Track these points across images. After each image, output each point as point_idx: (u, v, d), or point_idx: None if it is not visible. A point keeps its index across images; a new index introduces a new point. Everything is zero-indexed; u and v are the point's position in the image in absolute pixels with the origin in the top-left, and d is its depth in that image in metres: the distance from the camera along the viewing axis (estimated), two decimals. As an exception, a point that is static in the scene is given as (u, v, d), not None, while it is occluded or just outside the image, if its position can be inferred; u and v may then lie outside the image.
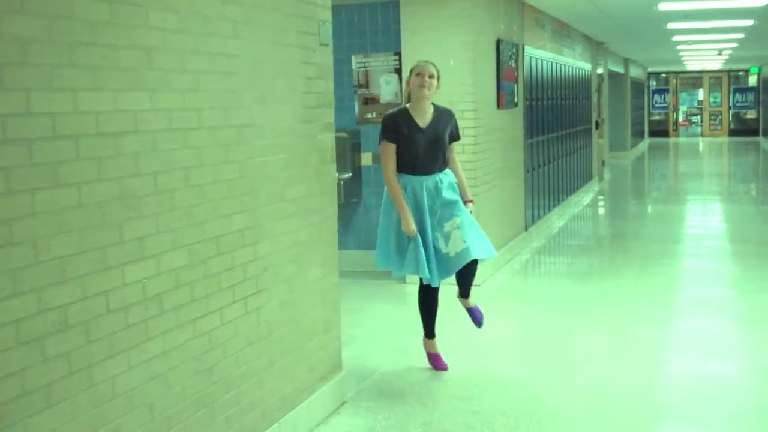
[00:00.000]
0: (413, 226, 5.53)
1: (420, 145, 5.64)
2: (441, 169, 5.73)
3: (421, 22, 8.62)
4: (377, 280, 8.85)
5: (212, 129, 3.94)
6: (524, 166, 11.00)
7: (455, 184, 5.77)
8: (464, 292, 5.91)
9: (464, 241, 5.56)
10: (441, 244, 5.59)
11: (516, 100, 10.32)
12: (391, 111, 5.82)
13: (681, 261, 10.46)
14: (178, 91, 3.70)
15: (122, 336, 3.35)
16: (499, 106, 9.50)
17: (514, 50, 10.25)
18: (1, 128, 2.78)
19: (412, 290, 8.41)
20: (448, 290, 6.06)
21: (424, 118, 5.71)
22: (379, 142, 5.71)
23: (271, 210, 4.48)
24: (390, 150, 5.64)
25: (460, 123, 6.35)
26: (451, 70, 8.42)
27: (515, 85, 10.26)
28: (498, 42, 9.43)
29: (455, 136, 5.88)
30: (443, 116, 5.81)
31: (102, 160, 3.23)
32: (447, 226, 5.60)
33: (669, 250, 10.95)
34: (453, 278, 5.82)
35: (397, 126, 5.65)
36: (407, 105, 5.78)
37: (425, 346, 6.03)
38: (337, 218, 5.35)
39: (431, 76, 5.69)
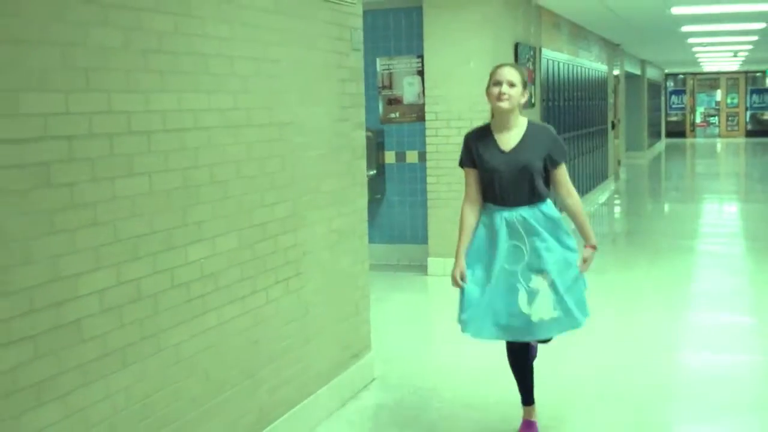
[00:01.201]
0: (457, 274, 4.48)
1: (500, 173, 4.44)
2: (531, 202, 4.46)
3: (443, 27, 9.06)
4: (400, 273, 9.30)
5: (259, 127, 4.39)
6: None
7: (558, 222, 4.48)
8: (527, 398, 4.81)
9: (554, 310, 4.38)
10: (522, 300, 4.38)
11: (533, 100, 10.74)
12: (473, 128, 4.75)
13: (694, 255, 10.85)
14: (230, 93, 4.15)
15: (184, 308, 3.80)
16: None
17: (532, 53, 10.67)
18: (88, 124, 3.23)
19: (433, 281, 8.92)
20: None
21: (508, 138, 4.50)
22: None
23: (309, 200, 4.93)
24: (467, 176, 4.59)
25: (480, 123, 6.53)
26: (471, 72, 8.87)
27: (532, 86, 10.70)
28: (516, 45, 9.86)
29: (556, 161, 4.51)
30: (536, 136, 4.51)
31: (168, 153, 3.69)
32: (535, 282, 4.39)
33: (683, 245, 11.34)
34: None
35: (473, 147, 4.56)
36: (491, 121, 4.63)
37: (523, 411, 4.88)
38: (366, 211, 5.79)
39: (512, 85, 4.44)
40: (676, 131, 39.28)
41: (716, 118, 41.04)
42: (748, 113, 39.59)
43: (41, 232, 3.02)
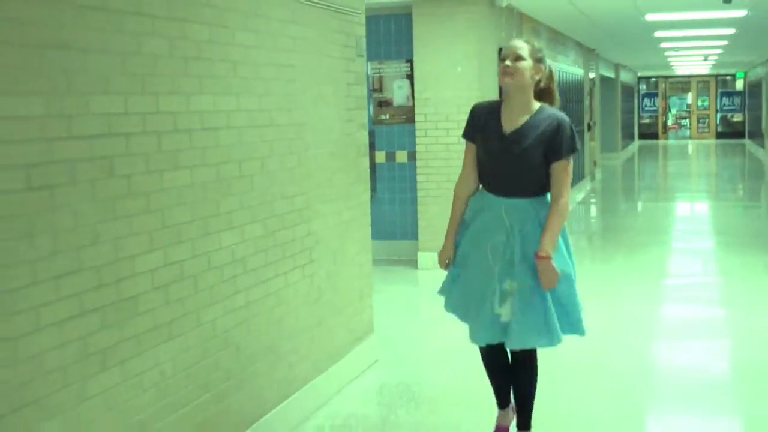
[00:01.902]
0: (444, 258, 4.37)
1: (496, 157, 4.18)
2: (526, 194, 4.15)
3: (432, 33, 9.53)
4: (391, 267, 9.75)
5: (280, 126, 4.83)
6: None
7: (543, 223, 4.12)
8: (522, 422, 4.49)
9: (513, 318, 4.11)
10: (496, 299, 4.15)
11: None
12: (483, 101, 4.49)
13: (667, 249, 11.39)
14: (255, 95, 4.59)
15: (219, 288, 4.24)
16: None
17: (514, 57, 11.14)
18: (142, 123, 3.67)
19: (423, 275, 9.38)
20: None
21: (512, 119, 4.17)
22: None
23: (321, 194, 5.37)
24: (467, 150, 4.34)
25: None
26: (459, 76, 9.37)
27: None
28: (500, 50, 10.31)
29: (554, 154, 4.12)
30: (542, 123, 4.13)
31: (206, 150, 4.12)
32: (506, 285, 4.14)
33: (656, 240, 11.87)
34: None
35: (478, 121, 4.28)
36: (502, 99, 4.35)
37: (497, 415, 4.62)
38: (369, 205, 6.24)
39: (518, 58, 4.12)
40: (649, 133, 39.96)
41: (687, 120, 41.81)
42: (719, 115, 40.35)
43: (106, 217, 3.45)
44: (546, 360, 4.58)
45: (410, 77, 9.86)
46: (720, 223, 14.06)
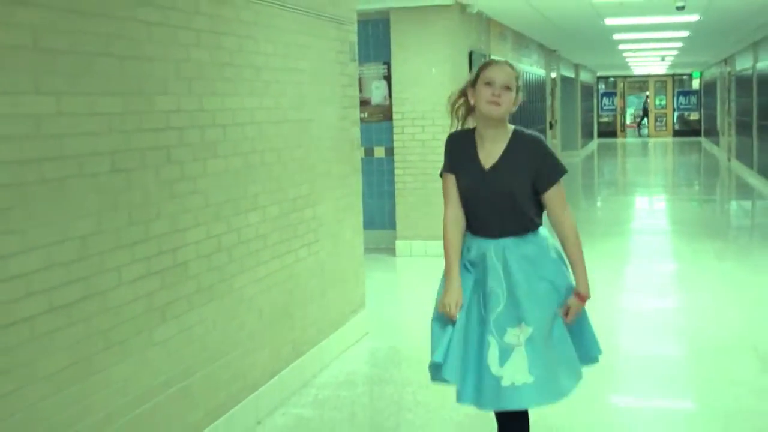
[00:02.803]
0: (453, 302, 3.68)
1: (479, 197, 3.75)
2: (517, 232, 3.73)
3: (408, 37, 10.34)
4: (371, 254, 10.52)
5: (291, 122, 5.59)
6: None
7: (549, 257, 3.77)
8: None
9: (530, 374, 3.56)
10: (492, 357, 3.59)
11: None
12: (456, 131, 3.90)
13: (626, 237, 12.29)
14: (273, 96, 5.35)
15: (247, 260, 5.00)
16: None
17: (483, 59, 11.96)
18: (190, 118, 4.42)
19: (401, 261, 10.19)
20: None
21: (491, 151, 3.74)
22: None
23: (323, 182, 6.13)
24: (448, 184, 3.84)
25: (444, 122, 7.82)
26: (433, 77, 10.18)
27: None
28: (470, 53, 11.17)
29: (546, 182, 3.74)
30: (522, 151, 3.72)
31: (236, 142, 4.88)
32: (510, 335, 3.60)
33: (615, 229, 12.78)
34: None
35: (457, 153, 3.82)
36: (476, 126, 3.81)
37: None
38: (361, 193, 7.02)
39: (507, 88, 3.68)
40: (608, 131, 40.44)
41: (645, 119, 42.83)
42: (676, 114, 41.30)
43: (165, 196, 4.20)
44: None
45: (387, 78, 10.64)
46: (676, 214, 15.01)
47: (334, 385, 5.74)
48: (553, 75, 21.09)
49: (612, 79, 41.78)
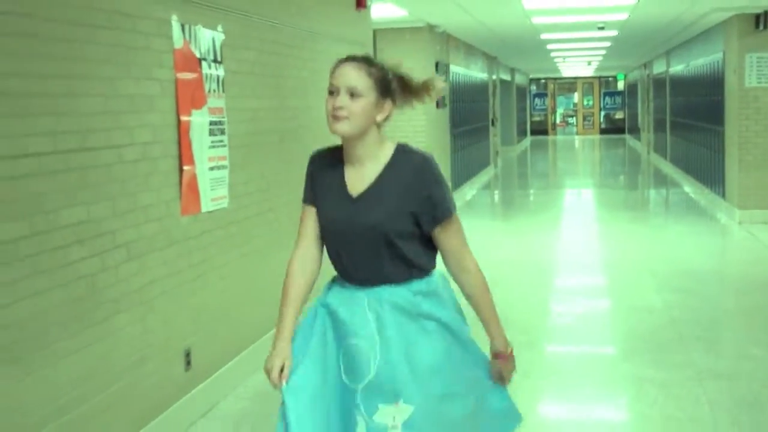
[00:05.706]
0: (277, 366, 2.84)
1: (343, 233, 2.90)
2: (395, 279, 2.83)
3: (390, 53, 12.90)
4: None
5: (301, 118, 7.94)
6: (450, 149, 15.44)
7: (440, 311, 2.86)
8: None
9: None
10: None
11: (446, 102, 14.73)
12: (322, 149, 3.13)
13: (559, 210, 15.16)
14: (290, 98, 7.78)
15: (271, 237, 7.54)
16: (437, 107, 13.90)
17: (445, 68, 14.65)
18: (294, 116, 6.95)
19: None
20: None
21: (360, 176, 2.92)
22: None
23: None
24: (303, 216, 3.04)
25: (417, 121, 10.98)
26: (409, 83, 12.79)
27: (445, 95, 14.74)
28: (437, 63, 13.81)
29: (434, 217, 2.85)
30: (400, 177, 2.85)
31: (296, 130, 7.41)
32: (379, 416, 2.73)
33: (550, 205, 15.61)
34: None
35: (321, 177, 3.04)
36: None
37: None
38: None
39: (353, 94, 2.85)
40: (540, 130, 41.76)
41: (574, 118, 43.96)
42: (602, 113, 42.76)
43: (282, 168, 6.72)
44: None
45: (370, 83, 13.16)
46: (602, 200, 17.84)
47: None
48: (494, 77, 23.78)
49: (543, 80, 43.00)
